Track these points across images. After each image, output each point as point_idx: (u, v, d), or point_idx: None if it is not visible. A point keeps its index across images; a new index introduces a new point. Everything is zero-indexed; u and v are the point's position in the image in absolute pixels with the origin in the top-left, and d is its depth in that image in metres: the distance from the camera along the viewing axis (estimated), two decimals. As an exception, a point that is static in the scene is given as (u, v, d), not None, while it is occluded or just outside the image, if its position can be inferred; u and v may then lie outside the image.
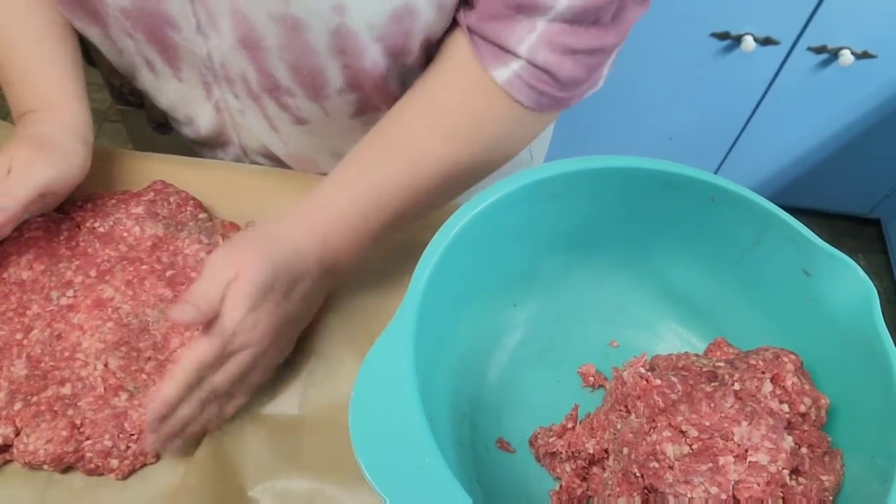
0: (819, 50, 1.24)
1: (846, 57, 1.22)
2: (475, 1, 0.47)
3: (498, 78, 0.48)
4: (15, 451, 0.44)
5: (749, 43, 1.21)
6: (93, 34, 0.54)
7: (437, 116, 0.49)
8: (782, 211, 0.45)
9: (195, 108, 0.60)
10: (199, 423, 0.45)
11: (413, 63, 0.53)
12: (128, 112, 0.82)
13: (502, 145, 0.52)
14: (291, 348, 0.50)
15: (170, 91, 0.59)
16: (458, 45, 0.49)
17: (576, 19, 0.45)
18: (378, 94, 0.55)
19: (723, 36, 1.23)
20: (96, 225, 0.53)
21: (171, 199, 0.56)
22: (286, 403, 0.50)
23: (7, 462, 0.46)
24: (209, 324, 0.42)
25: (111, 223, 0.53)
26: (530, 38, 0.46)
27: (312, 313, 0.51)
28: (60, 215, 0.54)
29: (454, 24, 0.50)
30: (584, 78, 0.50)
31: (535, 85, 0.48)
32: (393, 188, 0.49)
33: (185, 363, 0.42)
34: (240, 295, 0.42)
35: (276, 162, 0.65)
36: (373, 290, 0.55)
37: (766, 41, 1.23)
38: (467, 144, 0.50)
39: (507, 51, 0.47)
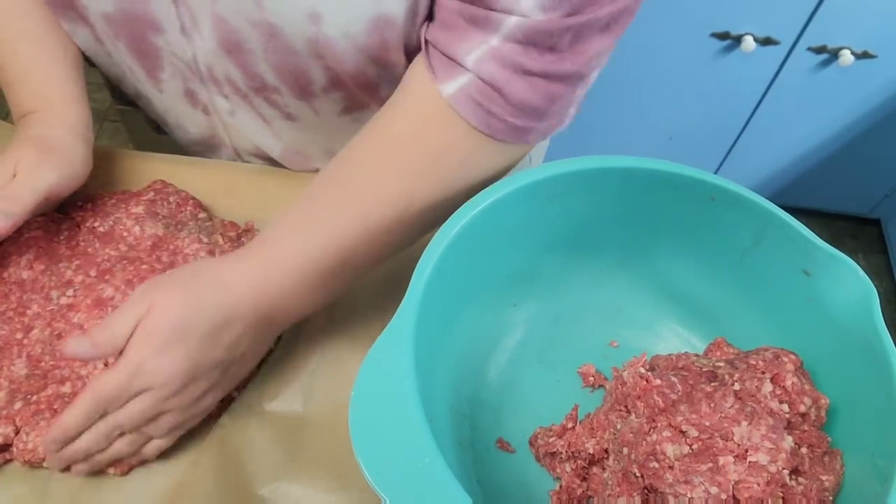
0: (819, 50, 1.24)
1: (846, 57, 1.22)
2: (435, 12, 0.46)
3: (444, 91, 0.44)
4: (15, 449, 0.44)
5: (749, 43, 1.21)
6: (81, 37, 0.54)
7: (391, 150, 0.46)
8: (782, 211, 0.45)
9: (182, 115, 0.60)
10: (108, 454, 0.44)
11: (401, 70, 0.51)
12: (128, 112, 0.82)
13: (459, 178, 0.47)
14: (225, 392, 0.46)
15: (153, 100, 0.59)
16: (417, 67, 0.47)
17: (528, 41, 0.42)
18: (365, 94, 0.55)
19: (723, 36, 1.23)
20: (96, 224, 0.53)
21: (171, 199, 0.56)
22: (290, 401, 0.50)
23: (7, 461, 0.46)
24: (117, 357, 0.41)
25: (111, 223, 0.54)
26: (480, 49, 0.43)
27: (251, 360, 0.47)
28: (60, 215, 0.54)
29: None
30: (543, 107, 0.45)
31: (481, 102, 0.44)
32: (342, 229, 0.45)
33: (86, 394, 0.41)
34: (144, 334, 0.40)
35: (270, 162, 0.65)
36: (373, 290, 0.55)
37: (766, 41, 1.23)
38: (422, 178, 0.46)
39: (456, 62, 0.44)
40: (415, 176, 0.46)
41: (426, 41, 0.46)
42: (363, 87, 0.53)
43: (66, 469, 0.45)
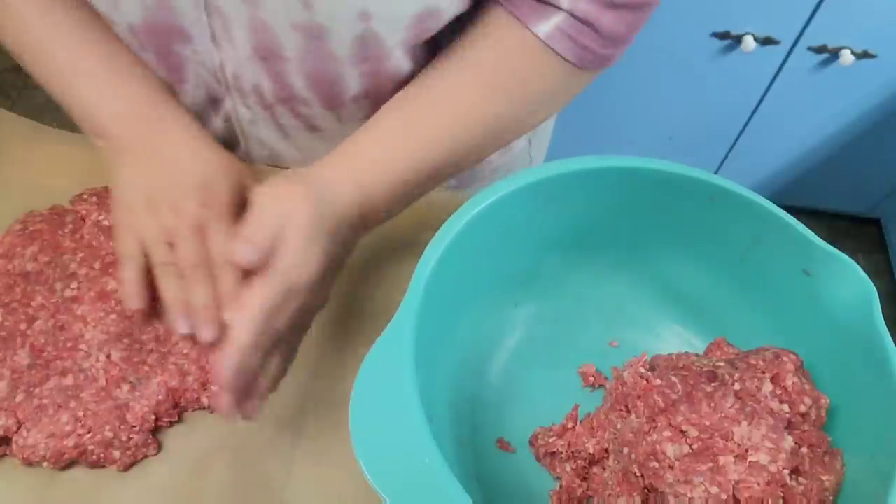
0: (819, 50, 1.24)
1: (846, 57, 1.22)
2: None
3: (540, 32, 0.47)
4: (14, 445, 0.44)
5: (749, 43, 1.21)
6: None
7: (479, 74, 0.49)
8: (782, 211, 0.45)
9: (202, 123, 0.59)
10: (264, 380, 0.43)
11: (410, 65, 0.52)
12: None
13: (544, 104, 0.52)
14: (328, 299, 0.48)
15: None
16: (491, 12, 0.49)
17: None
18: (393, 95, 0.55)
19: (723, 36, 1.23)
20: (101, 218, 0.54)
21: (173, 196, 0.56)
22: (290, 401, 0.50)
23: (2, 456, 0.46)
24: (264, 266, 0.41)
25: (115, 217, 0.54)
26: None
27: (345, 262, 0.49)
28: (65, 208, 0.55)
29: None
30: (625, 35, 0.49)
31: (576, 38, 0.48)
32: (433, 142, 0.49)
33: (252, 309, 0.40)
34: (295, 230, 0.42)
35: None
36: (373, 290, 0.55)
37: (766, 41, 1.23)
38: (510, 102, 0.50)
39: (548, 3, 0.47)
40: (502, 99, 0.49)
41: None
42: (394, 91, 0.53)
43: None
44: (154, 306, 0.45)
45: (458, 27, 0.50)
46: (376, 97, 0.54)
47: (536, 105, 0.52)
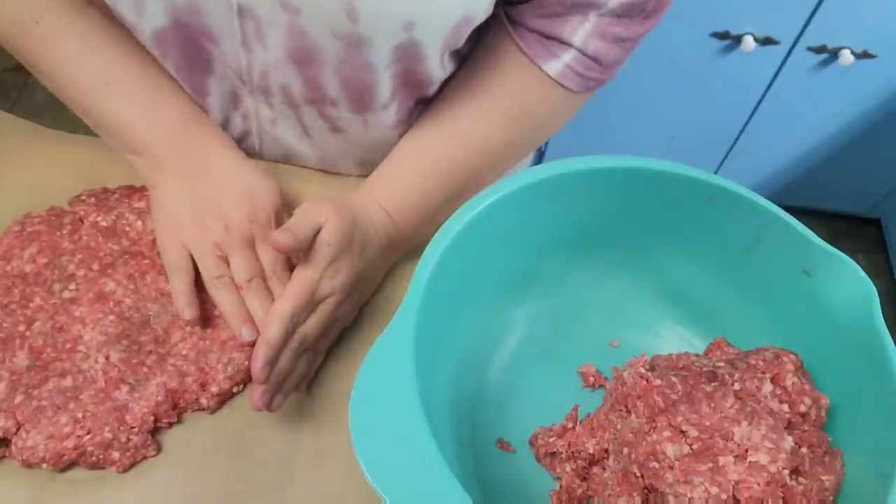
0: (819, 50, 1.24)
1: (846, 57, 1.22)
2: (534, 4, 0.49)
3: (550, 71, 0.51)
4: (14, 447, 0.44)
5: (749, 43, 1.21)
6: None
7: (495, 108, 0.53)
8: (782, 211, 0.45)
9: (217, 117, 0.59)
10: (293, 379, 0.47)
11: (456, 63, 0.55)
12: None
13: (551, 125, 0.57)
14: (356, 313, 0.52)
15: None
16: (502, 46, 0.52)
17: (625, 13, 0.49)
18: (420, 103, 0.56)
19: (723, 36, 1.23)
20: (99, 219, 0.54)
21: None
22: (291, 401, 0.49)
23: (4, 457, 0.46)
24: (296, 272, 0.46)
25: (114, 217, 0.54)
26: (584, 28, 0.49)
27: (376, 283, 0.53)
28: (64, 209, 0.54)
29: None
30: (624, 60, 0.53)
31: (583, 73, 0.51)
32: (452, 169, 0.53)
33: (280, 307, 0.44)
34: (329, 237, 0.46)
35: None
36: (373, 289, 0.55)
37: (766, 41, 1.22)
38: (521, 129, 0.55)
39: (560, 42, 0.50)
40: (515, 128, 0.55)
41: (526, 28, 0.51)
42: (422, 98, 0.55)
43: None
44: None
45: (475, 34, 0.51)
46: (403, 103, 0.55)
47: (545, 127, 0.57)
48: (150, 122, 0.51)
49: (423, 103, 0.56)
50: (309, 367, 0.49)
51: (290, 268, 0.50)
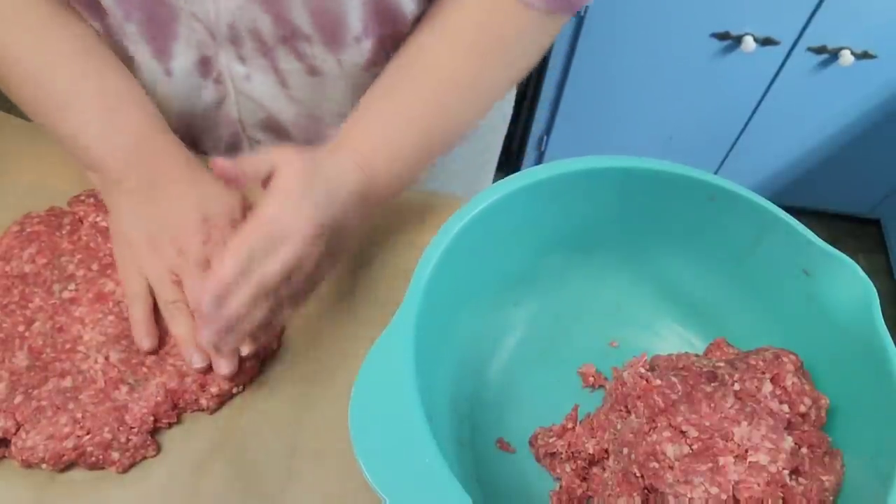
0: (819, 50, 1.24)
1: (846, 57, 1.22)
2: None
3: None
4: (13, 448, 0.44)
5: (749, 43, 1.21)
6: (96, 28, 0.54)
7: (456, 36, 0.51)
8: (782, 211, 0.45)
9: (190, 94, 0.59)
10: (245, 325, 0.45)
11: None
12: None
13: (522, 53, 0.54)
14: (334, 267, 0.50)
15: (158, 89, 0.58)
16: None
17: None
18: (393, 40, 0.55)
19: (723, 36, 1.23)
20: (98, 219, 0.54)
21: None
22: (291, 401, 0.50)
23: (3, 457, 0.46)
24: (255, 212, 0.44)
25: (113, 218, 0.54)
26: None
27: (352, 238, 0.51)
28: (63, 209, 0.55)
29: None
30: None
31: None
32: (420, 107, 0.51)
33: (235, 246, 0.42)
34: (278, 188, 0.44)
35: (277, 134, 0.64)
36: (373, 289, 0.55)
37: (766, 41, 1.23)
38: (488, 59, 0.52)
39: None
40: (485, 60, 0.52)
41: None
42: (395, 31, 0.54)
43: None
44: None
45: None
46: (377, 39, 0.55)
47: (515, 58, 0.54)
48: (107, 137, 0.51)
49: (396, 45, 0.56)
50: (273, 318, 0.47)
51: None
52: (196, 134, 0.65)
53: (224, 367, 0.47)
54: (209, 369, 0.48)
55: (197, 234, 0.49)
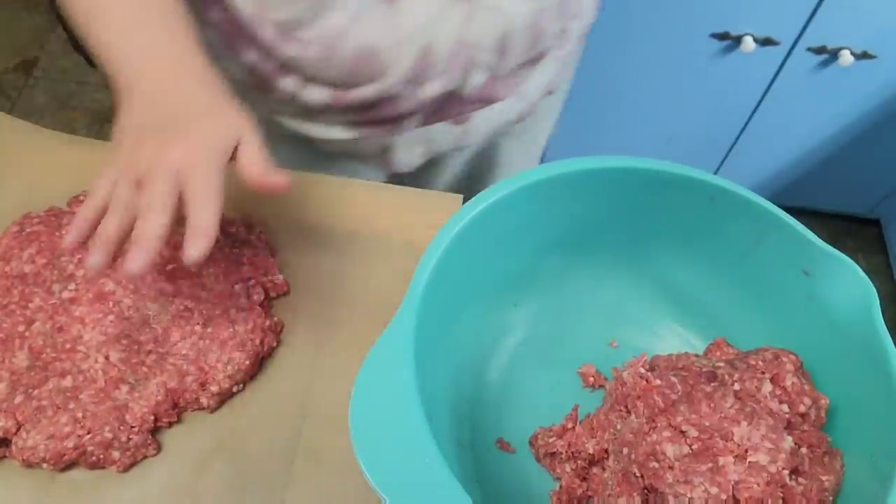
0: (819, 50, 1.24)
1: (846, 57, 1.22)
2: None
3: None
4: (14, 447, 0.44)
5: (749, 43, 1.21)
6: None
7: None
8: (782, 211, 0.45)
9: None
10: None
11: None
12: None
13: None
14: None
15: None
16: None
17: None
18: None
19: (723, 36, 1.23)
20: None
21: (172, 197, 0.56)
22: (290, 400, 0.50)
23: (2, 458, 0.46)
24: None
25: (112, 218, 0.54)
26: None
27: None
28: (62, 210, 0.55)
29: None
30: None
31: None
32: None
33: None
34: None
35: None
36: (374, 288, 0.55)
37: (765, 41, 1.22)
38: None
39: None
40: None
41: None
42: None
43: (64, 466, 0.45)
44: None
45: None
46: None
47: None
48: (140, 49, 0.50)
49: None
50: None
51: None
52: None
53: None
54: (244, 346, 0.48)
55: (179, 143, 0.45)
